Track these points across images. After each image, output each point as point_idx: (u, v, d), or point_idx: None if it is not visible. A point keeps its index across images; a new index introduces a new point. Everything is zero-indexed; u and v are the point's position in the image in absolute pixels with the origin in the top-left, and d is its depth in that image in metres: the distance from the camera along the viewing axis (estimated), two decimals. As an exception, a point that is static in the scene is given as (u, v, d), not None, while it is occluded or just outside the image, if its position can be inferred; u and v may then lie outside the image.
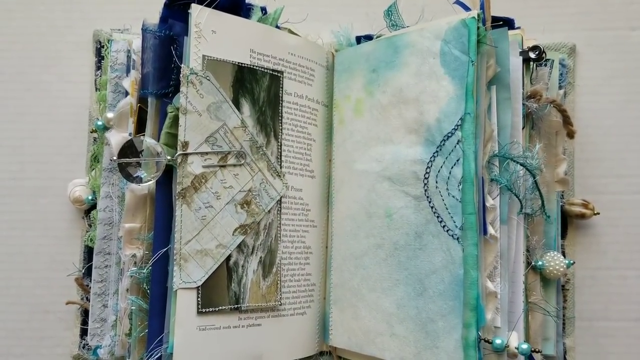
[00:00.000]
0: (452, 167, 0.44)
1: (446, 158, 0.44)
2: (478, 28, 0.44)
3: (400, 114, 0.48)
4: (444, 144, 0.44)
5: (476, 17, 0.44)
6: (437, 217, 0.44)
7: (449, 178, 0.44)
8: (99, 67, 0.57)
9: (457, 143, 0.44)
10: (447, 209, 0.44)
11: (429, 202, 0.45)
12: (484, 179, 0.45)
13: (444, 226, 0.44)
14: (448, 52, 0.45)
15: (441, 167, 0.44)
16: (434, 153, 0.45)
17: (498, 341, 0.43)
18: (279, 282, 0.49)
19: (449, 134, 0.44)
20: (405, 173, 0.47)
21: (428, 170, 0.45)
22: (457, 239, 0.43)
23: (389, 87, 0.49)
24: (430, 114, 0.46)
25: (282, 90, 0.51)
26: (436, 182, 0.45)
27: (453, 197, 0.44)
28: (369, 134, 0.50)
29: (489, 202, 0.45)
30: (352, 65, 0.53)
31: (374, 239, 0.49)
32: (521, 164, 0.46)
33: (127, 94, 0.52)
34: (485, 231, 0.44)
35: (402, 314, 0.46)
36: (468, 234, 0.43)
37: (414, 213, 0.46)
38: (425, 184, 0.45)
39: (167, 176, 0.47)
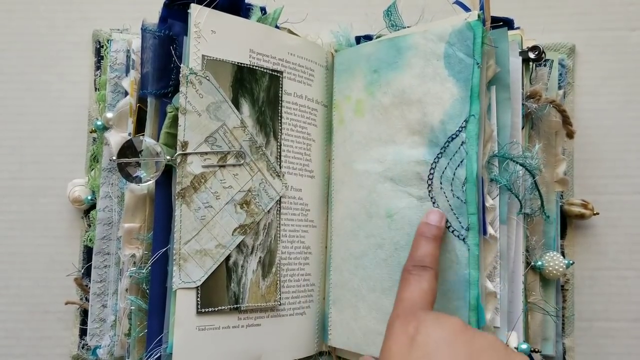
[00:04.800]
0: (456, 169, 0.44)
1: (450, 159, 0.44)
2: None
3: (403, 115, 0.48)
4: (448, 146, 0.44)
5: (481, 19, 0.44)
6: None
7: (453, 179, 0.44)
8: (98, 67, 0.57)
9: (461, 144, 0.44)
10: (452, 209, 0.44)
11: (433, 202, 0.45)
12: (484, 179, 0.45)
13: (449, 227, 0.44)
14: (452, 55, 0.45)
15: (445, 168, 0.44)
16: (437, 154, 0.45)
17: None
18: (278, 282, 0.49)
19: (453, 136, 0.44)
20: (409, 174, 0.47)
21: (432, 172, 0.45)
22: (463, 239, 0.43)
23: (391, 88, 0.49)
24: (434, 116, 0.46)
25: (281, 90, 0.51)
26: (440, 183, 0.45)
27: (458, 198, 0.44)
28: (370, 134, 0.50)
29: (489, 202, 0.45)
30: (353, 65, 0.53)
31: (374, 239, 0.49)
32: (521, 164, 0.46)
33: (126, 93, 0.52)
34: (485, 231, 0.44)
35: (402, 314, 0.46)
36: (471, 234, 0.43)
37: (417, 214, 0.46)
38: (429, 185, 0.45)
39: (167, 176, 0.47)
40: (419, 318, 0.37)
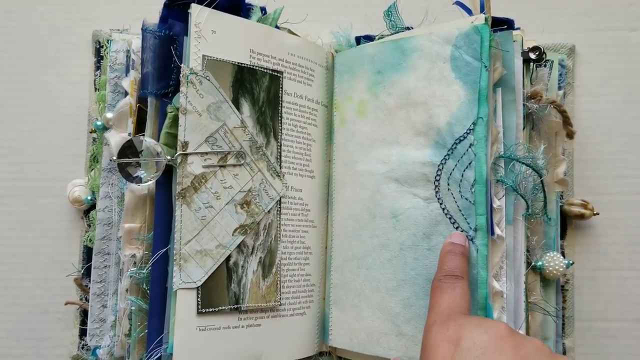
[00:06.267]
0: (464, 170, 0.44)
1: (458, 161, 0.44)
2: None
3: (408, 117, 0.48)
4: (455, 147, 0.45)
5: (488, 23, 0.44)
6: (450, 218, 0.44)
7: (461, 181, 0.44)
8: (98, 67, 0.57)
9: (470, 147, 0.44)
10: (460, 210, 0.44)
11: (440, 203, 0.45)
12: (490, 180, 0.45)
13: (457, 227, 0.44)
14: (459, 58, 0.45)
15: (453, 169, 0.45)
16: (444, 156, 0.45)
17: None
18: (278, 282, 0.49)
19: (461, 138, 0.44)
20: (414, 175, 0.47)
21: (439, 173, 0.45)
22: (472, 239, 0.43)
23: (395, 90, 0.49)
24: (441, 118, 0.46)
25: (281, 91, 0.51)
26: (448, 185, 0.45)
27: (466, 199, 0.44)
28: (374, 135, 0.50)
29: (496, 203, 0.45)
30: (355, 66, 0.53)
31: (378, 239, 0.49)
32: (528, 165, 0.46)
33: (126, 94, 0.52)
34: (492, 232, 0.44)
35: (410, 314, 0.46)
36: (479, 234, 0.43)
37: (423, 214, 0.46)
38: (436, 186, 0.45)
39: (167, 176, 0.47)
40: (458, 321, 0.36)
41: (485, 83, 0.44)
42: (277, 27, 0.52)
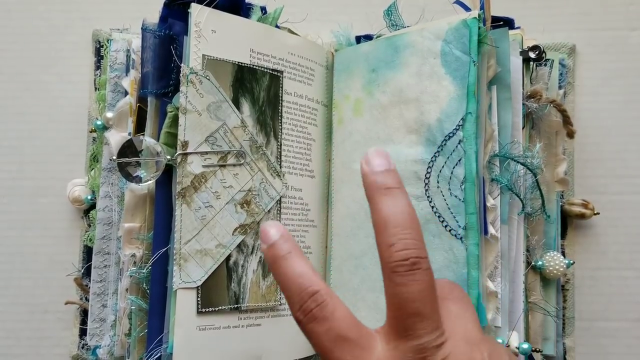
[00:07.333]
0: (453, 167, 0.44)
1: (447, 158, 0.44)
2: (479, 28, 0.44)
3: (401, 114, 0.48)
4: (445, 144, 0.44)
5: (477, 17, 0.44)
6: (439, 216, 0.44)
7: (450, 178, 0.44)
8: (98, 67, 0.57)
9: (459, 143, 0.44)
10: (449, 208, 0.44)
11: (430, 201, 0.45)
12: (485, 179, 0.45)
13: (445, 226, 0.44)
14: (449, 52, 0.45)
15: (442, 167, 0.44)
16: (435, 153, 0.45)
17: (499, 341, 0.43)
18: (278, 282, 0.49)
19: (450, 134, 0.44)
20: (406, 173, 0.47)
21: (429, 170, 0.45)
22: (461, 238, 0.43)
23: (389, 87, 0.49)
24: (431, 114, 0.46)
25: (281, 90, 0.51)
26: (437, 182, 0.45)
27: (455, 197, 0.43)
28: (369, 133, 0.50)
29: (490, 202, 0.45)
30: (351, 65, 0.53)
31: (373, 238, 0.48)
32: (522, 164, 0.46)
33: (126, 93, 0.52)
34: (485, 231, 0.44)
35: (402, 314, 0.46)
36: (469, 233, 0.43)
37: None
38: (426, 184, 0.45)
39: (167, 176, 0.47)
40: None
41: (474, 78, 0.44)
42: (277, 26, 0.52)
